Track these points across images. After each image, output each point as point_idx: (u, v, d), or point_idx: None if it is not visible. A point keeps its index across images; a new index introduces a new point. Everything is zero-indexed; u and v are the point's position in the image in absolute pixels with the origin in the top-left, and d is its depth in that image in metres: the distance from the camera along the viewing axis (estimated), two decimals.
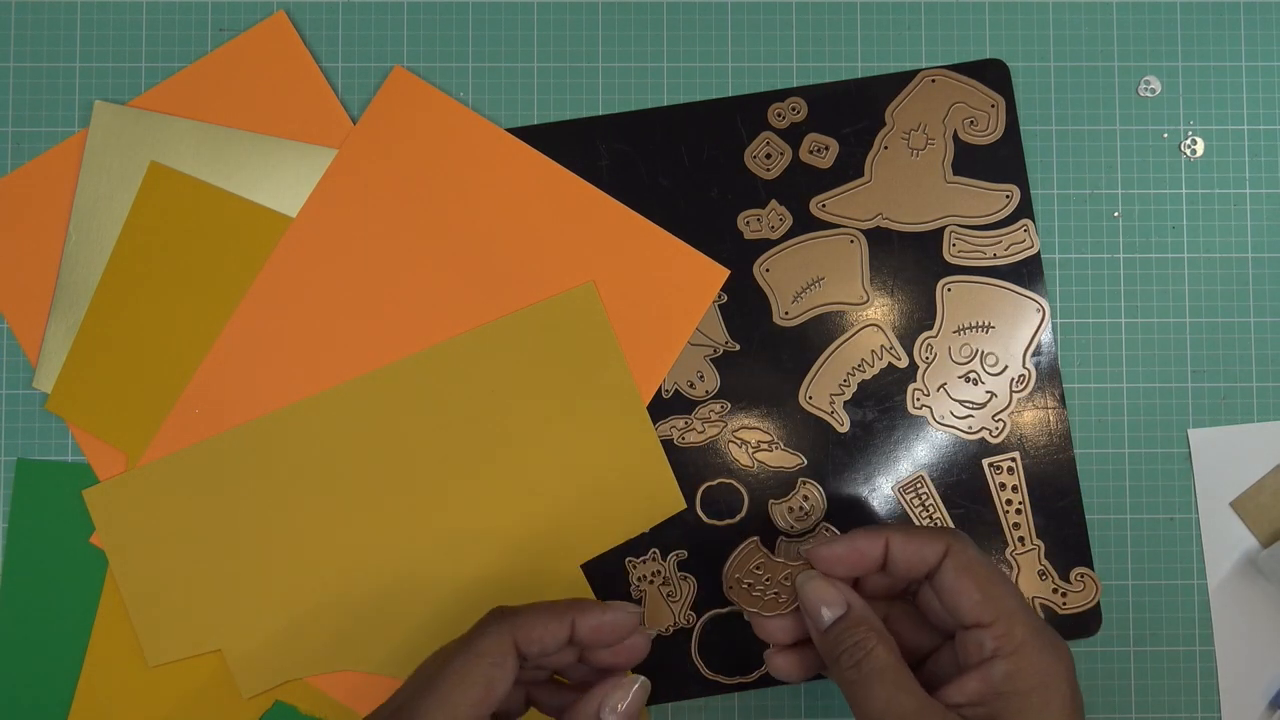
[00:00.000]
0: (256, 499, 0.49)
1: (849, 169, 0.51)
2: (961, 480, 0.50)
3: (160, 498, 0.48)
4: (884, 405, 0.50)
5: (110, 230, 0.49)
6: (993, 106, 0.51)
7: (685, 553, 0.50)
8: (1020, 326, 0.50)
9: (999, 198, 0.51)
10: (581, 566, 0.49)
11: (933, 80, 0.51)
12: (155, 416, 0.49)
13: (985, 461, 0.50)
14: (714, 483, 0.50)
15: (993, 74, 0.51)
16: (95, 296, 0.49)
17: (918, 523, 0.50)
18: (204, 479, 0.49)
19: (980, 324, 0.50)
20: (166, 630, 0.48)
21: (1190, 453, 0.51)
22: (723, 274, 0.50)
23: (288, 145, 0.50)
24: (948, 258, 0.50)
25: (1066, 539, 0.50)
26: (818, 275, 0.50)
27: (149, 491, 0.48)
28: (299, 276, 0.49)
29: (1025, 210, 0.51)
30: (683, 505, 0.50)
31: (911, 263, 0.50)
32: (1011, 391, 0.50)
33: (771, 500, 0.50)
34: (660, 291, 0.50)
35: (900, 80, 0.51)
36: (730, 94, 0.51)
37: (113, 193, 0.50)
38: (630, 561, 0.50)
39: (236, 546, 0.48)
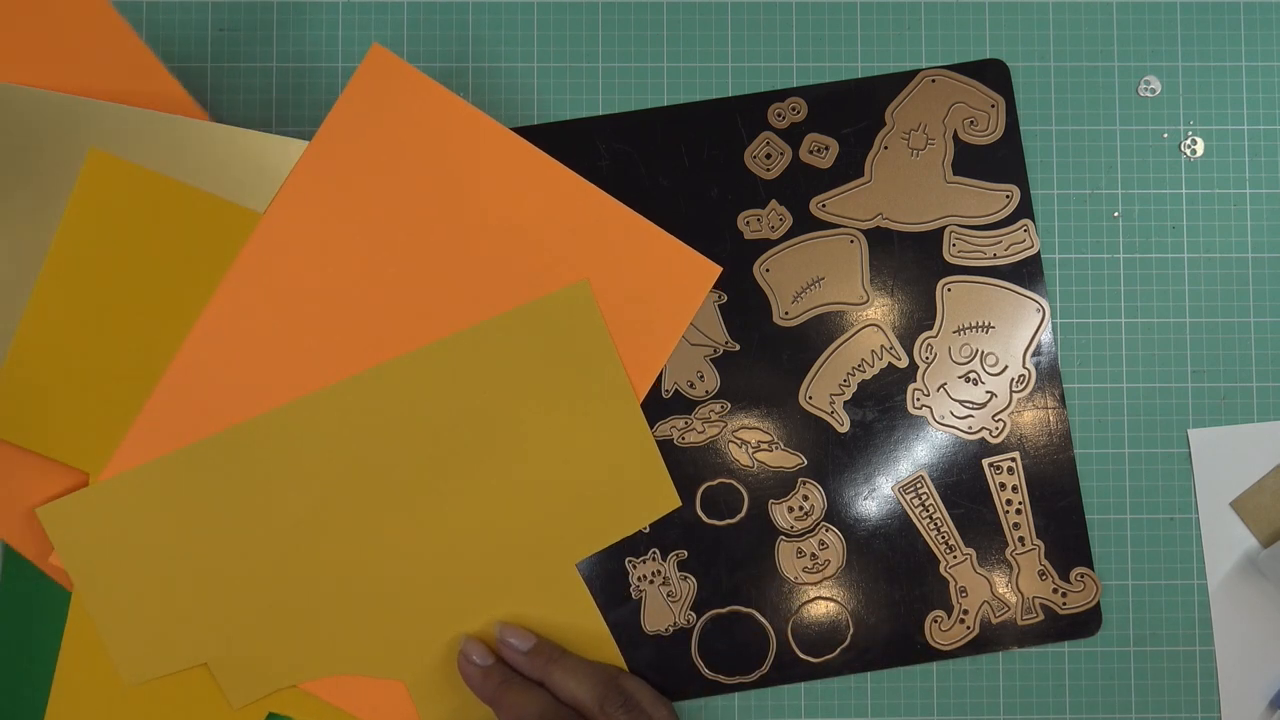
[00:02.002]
0: (235, 509, 0.46)
1: (849, 169, 0.51)
2: (961, 480, 0.50)
3: (125, 513, 0.45)
4: (884, 405, 0.50)
5: (44, 228, 0.45)
6: (993, 106, 0.51)
7: (685, 553, 0.50)
8: (1020, 326, 0.50)
9: (999, 198, 0.51)
10: (582, 567, 0.49)
11: (933, 80, 0.51)
12: (111, 429, 0.45)
13: (985, 461, 0.50)
14: (714, 483, 0.50)
15: (993, 74, 0.51)
16: (31, 300, 0.45)
17: (917, 524, 0.50)
18: (174, 491, 0.46)
19: (980, 324, 0.50)
20: (142, 649, 0.46)
21: (1190, 453, 0.51)
22: (715, 270, 0.50)
23: (251, 135, 0.46)
24: (948, 258, 0.50)
25: (1066, 539, 0.50)
26: (818, 275, 0.50)
27: (112, 507, 0.45)
28: (272, 275, 0.47)
29: (1025, 210, 0.51)
30: (678, 503, 0.50)
31: (911, 263, 0.50)
32: (1011, 391, 0.50)
33: (771, 500, 0.50)
34: (652, 288, 0.49)
35: (900, 80, 0.51)
36: (730, 94, 0.51)
37: (45, 188, 0.45)
38: (630, 561, 0.50)
39: (217, 557, 0.46)
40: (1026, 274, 0.50)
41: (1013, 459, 0.50)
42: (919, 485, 0.50)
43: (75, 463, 0.46)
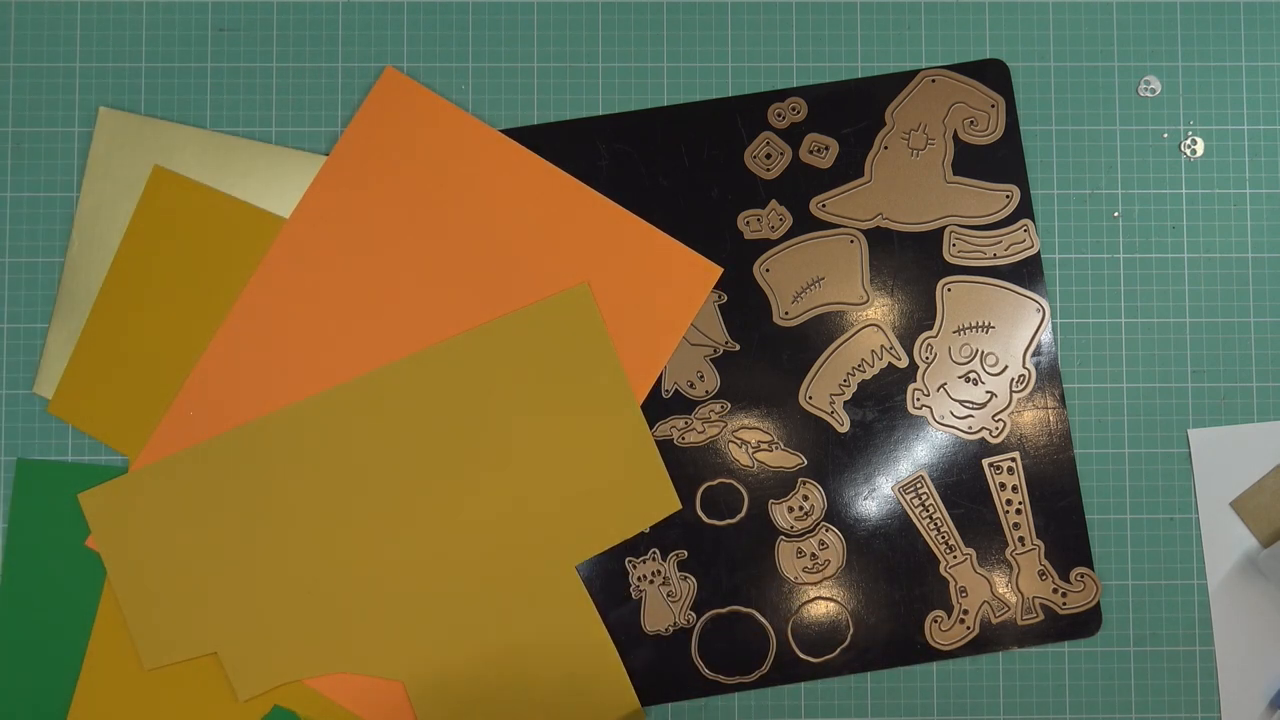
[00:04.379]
0: (250, 502, 0.49)
1: (849, 169, 0.51)
2: (961, 480, 0.50)
3: (155, 501, 0.49)
4: (884, 405, 0.50)
5: (112, 236, 0.49)
6: (993, 106, 0.51)
7: (685, 553, 0.50)
8: (1020, 326, 0.50)
9: (999, 198, 0.51)
10: (582, 566, 0.49)
11: (933, 80, 0.51)
12: (157, 420, 0.49)
13: (985, 461, 0.50)
14: (714, 483, 0.50)
15: (993, 74, 0.51)
16: (99, 300, 0.49)
17: (917, 524, 0.50)
18: (198, 483, 0.49)
19: (980, 324, 0.50)
20: (162, 633, 0.48)
21: (1190, 453, 0.51)
22: (716, 271, 0.50)
23: (292, 153, 0.50)
24: (948, 258, 0.50)
25: (1066, 539, 0.50)
26: (818, 275, 0.50)
27: (144, 495, 0.49)
28: (291, 280, 0.49)
29: (1025, 210, 0.51)
30: (678, 506, 0.50)
31: (911, 263, 0.50)
32: (1011, 391, 0.50)
33: (771, 500, 0.50)
34: (654, 290, 0.50)
35: (900, 80, 0.51)
36: (730, 94, 0.51)
37: (116, 199, 0.50)
38: (630, 561, 0.50)
39: (231, 549, 0.49)
40: (1026, 274, 0.50)
41: (1013, 459, 0.50)
42: (919, 485, 0.50)
43: (126, 450, 0.49)
